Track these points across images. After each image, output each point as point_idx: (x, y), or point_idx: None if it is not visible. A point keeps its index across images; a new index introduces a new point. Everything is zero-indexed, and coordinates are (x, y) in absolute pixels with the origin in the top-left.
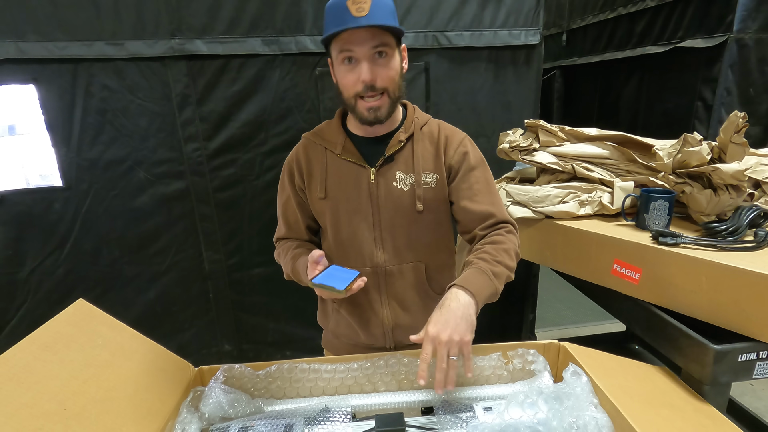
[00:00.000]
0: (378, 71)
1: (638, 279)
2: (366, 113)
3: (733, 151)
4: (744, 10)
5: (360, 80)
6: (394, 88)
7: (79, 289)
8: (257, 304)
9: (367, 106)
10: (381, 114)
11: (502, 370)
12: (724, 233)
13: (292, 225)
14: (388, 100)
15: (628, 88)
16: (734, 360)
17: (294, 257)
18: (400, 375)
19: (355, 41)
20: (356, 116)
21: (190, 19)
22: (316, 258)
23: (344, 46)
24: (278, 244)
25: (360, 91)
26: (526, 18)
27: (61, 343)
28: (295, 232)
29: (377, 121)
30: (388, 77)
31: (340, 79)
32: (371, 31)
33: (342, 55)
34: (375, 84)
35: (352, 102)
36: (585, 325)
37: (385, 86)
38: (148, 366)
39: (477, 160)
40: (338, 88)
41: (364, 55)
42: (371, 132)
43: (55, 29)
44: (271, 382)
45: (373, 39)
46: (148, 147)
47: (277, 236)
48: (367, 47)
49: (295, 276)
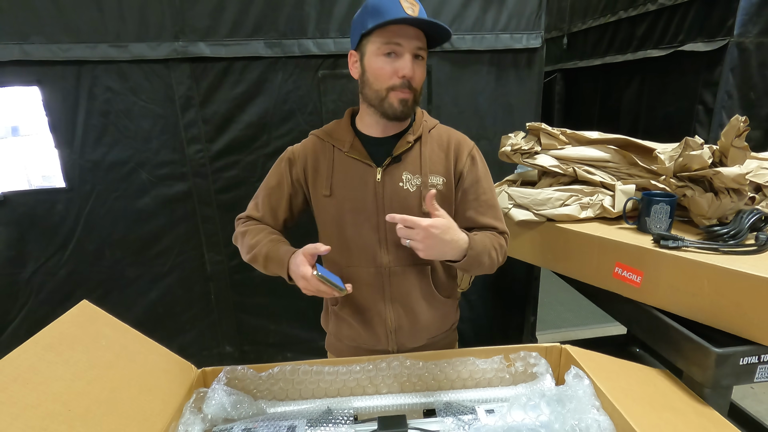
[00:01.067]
0: (416, 70)
1: (640, 282)
2: (397, 104)
3: (735, 155)
4: (744, 14)
5: (400, 74)
6: (420, 91)
7: (81, 290)
8: (259, 306)
9: (400, 97)
10: (408, 109)
11: (504, 372)
12: (726, 237)
13: (270, 210)
14: (413, 98)
15: (629, 91)
16: (736, 363)
17: (273, 241)
18: (402, 377)
19: (404, 35)
20: (383, 109)
21: (193, 22)
22: (322, 251)
23: (392, 38)
24: (246, 223)
25: (396, 85)
26: (528, 21)
27: (65, 344)
28: (271, 218)
29: (403, 116)
30: (421, 79)
31: (376, 69)
32: (417, 33)
33: (387, 47)
34: (411, 83)
35: (383, 93)
36: (586, 327)
37: (417, 87)
38: (151, 367)
39: (484, 170)
40: (366, 78)
41: (409, 51)
42: (381, 132)
43: (59, 31)
44: (274, 383)
45: (419, 39)
46: (151, 149)
47: (246, 214)
48: (413, 44)
49: (270, 261)
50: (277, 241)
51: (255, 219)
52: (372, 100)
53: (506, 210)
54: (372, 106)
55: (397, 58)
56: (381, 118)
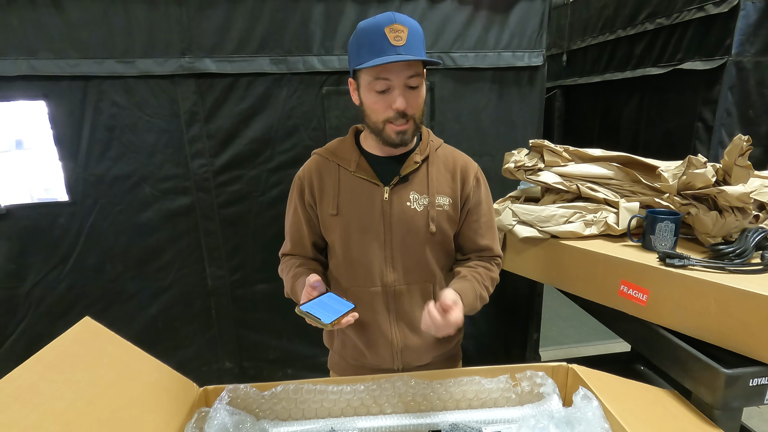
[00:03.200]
0: (410, 100)
1: (646, 300)
2: (394, 136)
3: (738, 174)
4: (742, 34)
5: (393, 108)
6: (420, 114)
7: (80, 304)
8: (259, 321)
9: (396, 130)
10: (407, 138)
11: (510, 392)
12: (732, 255)
13: (297, 242)
14: (413, 125)
15: (629, 108)
16: (746, 384)
17: (295, 276)
18: (407, 397)
19: (392, 70)
20: (382, 139)
21: (200, 39)
22: (312, 283)
23: (380, 74)
24: (283, 259)
25: (391, 117)
26: (530, 40)
27: (67, 362)
28: (300, 248)
29: (402, 144)
30: (417, 105)
31: (371, 103)
32: (408, 62)
33: (376, 83)
34: (407, 112)
35: (380, 126)
36: (589, 344)
37: (414, 114)
38: (153, 386)
39: (486, 192)
40: (364, 110)
41: (399, 85)
42: (387, 151)
43: (67, 47)
44: (277, 402)
45: (409, 69)
46: (155, 163)
47: (282, 251)
48: (403, 77)
49: (293, 295)
50: (298, 276)
51: (288, 255)
52: (372, 129)
53: (510, 226)
54: (374, 134)
55: (389, 92)
56: (384, 146)
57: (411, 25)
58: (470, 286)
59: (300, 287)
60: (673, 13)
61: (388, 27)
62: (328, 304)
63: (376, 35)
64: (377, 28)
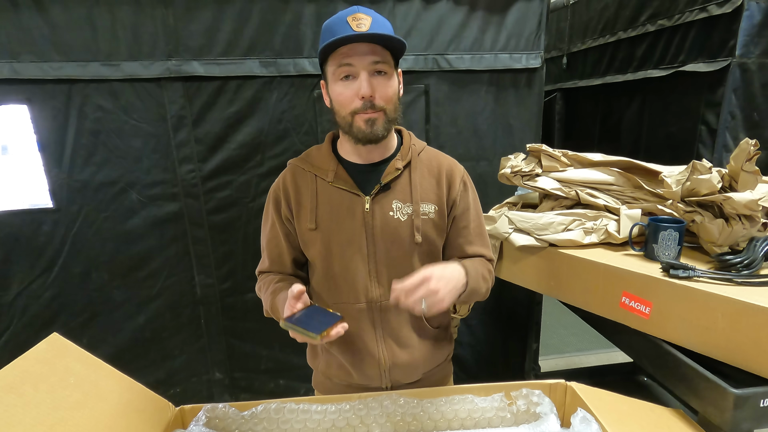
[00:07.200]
0: (377, 88)
1: (648, 313)
2: (363, 125)
3: (745, 180)
4: (746, 35)
5: (359, 95)
6: (392, 108)
7: (65, 313)
8: (250, 331)
9: (364, 118)
10: (377, 128)
11: (506, 411)
12: (739, 266)
13: (275, 258)
14: (384, 116)
15: (630, 111)
16: (756, 405)
17: (274, 292)
18: (395, 417)
19: (355, 54)
20: (352, 134)
21: (187, 41)
22: (296, 294)
23: (343, 60)
24: (260, 277)
25: (358, 108)
26: (527, 42)
27: (28, 383)
28: (279, 265)
29: (374, 137)
30: (387, 96)
31: (336, 96)
32: (371, 47)
33: (340, 70)
34: (374, 101)
35: (348, 119)
36: (590, 352)
37: (384, 105)
38: (124, 407)
39: (474, 196)
40: (333, 107)
41: (364, 69)
42: (365, 158)
43: (50, 49)
44: (257, 423)
45: (374, 54)
46: (142, 168)
47: (259, 269)
48: (367, 61)
49: (273, 313)
50: (278, 291)
51: (265, 272)
52: (343, 127)
53: (506, 234)
54: (345, 132)
55: (354, 80)
56: (356, 144)
57: (376, 16)
58: (469, 263)
59: (281, 302)
60: (675, 14)
61: (350, 16)
62: (313, 317)
63: (338, 24)
64: (339, 20)
